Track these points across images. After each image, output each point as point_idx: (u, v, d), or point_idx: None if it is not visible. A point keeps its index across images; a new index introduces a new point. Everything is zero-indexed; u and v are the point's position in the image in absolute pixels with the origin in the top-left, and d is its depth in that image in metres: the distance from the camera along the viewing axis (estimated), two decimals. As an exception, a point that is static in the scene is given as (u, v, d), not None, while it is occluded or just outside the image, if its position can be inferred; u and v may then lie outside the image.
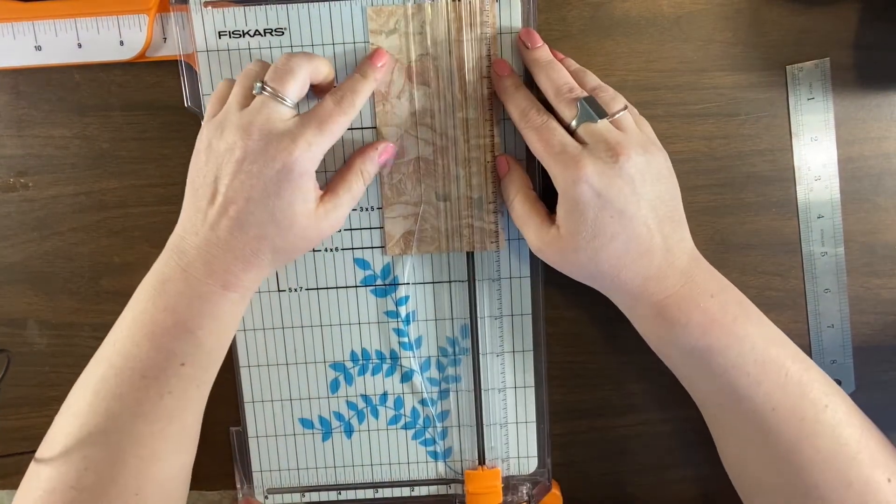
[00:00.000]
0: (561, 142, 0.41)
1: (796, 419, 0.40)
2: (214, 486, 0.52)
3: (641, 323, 0.44)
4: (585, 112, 0.41)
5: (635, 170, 0.40)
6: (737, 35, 0.46)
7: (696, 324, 0.41)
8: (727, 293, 0.42)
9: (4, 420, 0.51)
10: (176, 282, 0.41)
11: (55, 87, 0.47)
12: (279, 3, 0.45)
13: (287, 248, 0.42)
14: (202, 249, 0.41)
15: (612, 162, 0.40)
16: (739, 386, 0.41)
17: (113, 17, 0.45)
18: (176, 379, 0.41)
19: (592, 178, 0.39)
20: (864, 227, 0.48)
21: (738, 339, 0.41)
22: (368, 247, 0.48)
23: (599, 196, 0.40)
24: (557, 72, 0.43)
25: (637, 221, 0.40)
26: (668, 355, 0.44)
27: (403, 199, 0.47)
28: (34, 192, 0.49)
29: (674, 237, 0.41)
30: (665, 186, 0.41)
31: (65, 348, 0.50)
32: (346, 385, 0.50)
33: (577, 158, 0.40)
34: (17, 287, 0.50)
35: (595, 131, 0.41)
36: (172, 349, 0.41)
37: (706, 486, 0.52)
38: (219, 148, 0.40)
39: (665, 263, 0.41)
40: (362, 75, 0.44)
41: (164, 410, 0.41)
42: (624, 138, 0.41)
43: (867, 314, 0.49)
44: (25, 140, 0.48)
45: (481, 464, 0.50)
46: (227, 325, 0.43)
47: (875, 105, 0.47)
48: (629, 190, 0.40)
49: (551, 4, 0.46)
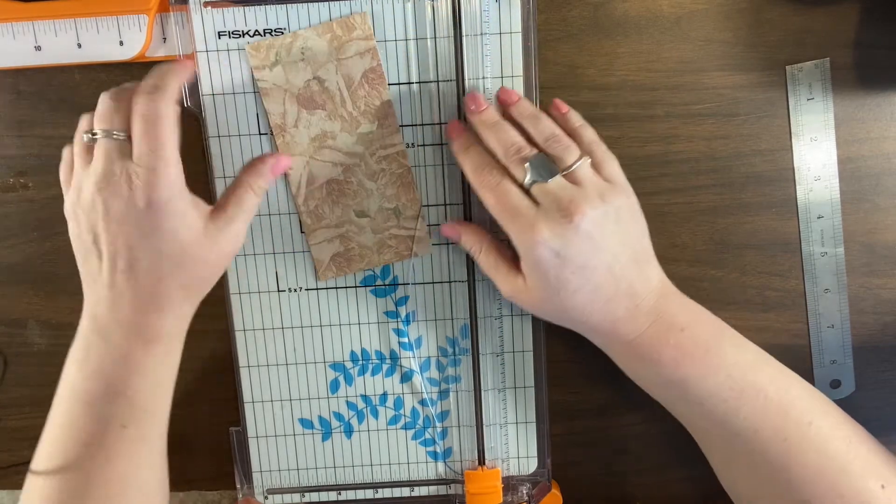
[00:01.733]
0: (515, 205, 0.41)
1: (780, 439, 0.41)
2: (214, 486, 0.52)
3: (617, 359, 0.44)
4: (535, 172, 0.41)
5: (592, 225, 0.40)
6: (737, 35, 0.46)
7: (668, 359, 0.42)
8: (699, 324, 0.43)
9: (4, 420, 0.51)
10: (97, 348, 0.41)
11: (55, 87, 0.47)
12: (279, 4, 0.45)
13: (193, 280, 0.42)
14: (112, 311, 0.40)
15: (566, 222, 0.40)
16: (718, 412, 0.41)
17: (113, 18, 0.45)
18: (120, 442, 0.40)
19: (549, 240, 0.40)
20: (863, 227, 0.48)
21: (712, 370, 0.41)
22: (368, 247, 0.48)
23: (558, 255, 0.40)
24: (505, 132, 0.43)
25: (599, 272, 0.41)
26: (648, 387, 0.44)
27: (324, 224, 0.47)
28: (34, 192, 0.49)
29: (640, 278, 0.42)
30: (628, 229, 0.42)
31: (65, 348, 0.50)
32: (345, 385, 0.50)
33: (532, 222, 0.40)
34: (17, 287, 0.50)
35: (547, 191, 0.41)
36: (109, 413, 0.40)
37: (706, 486, 0.52)
38: (84, 211, 0.40)
39: (632, 305, 0.42)
40: (161, 70, 0.42)
41: (115, 473, 0.40)
42: (577, 194, 0.40)
43: (867, 314, 0.49)
44: (25, 140, 0.48)
45: (481, 464, 0.50)
46: (159, 380, 0.42)
47: (875, 105, 0.47)
48: (588, 246, 0.40)
49: (551, 4, 0.46)
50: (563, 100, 0.46)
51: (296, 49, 0.45)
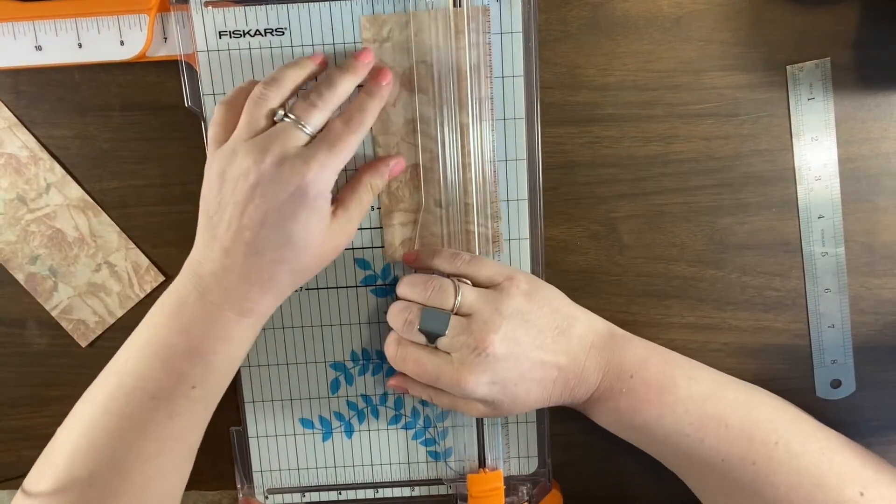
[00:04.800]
0: (433, 369, 0.42)
1: (748, 464, 0.41)
2: (214, 486, 0.52)
3: (583, 412, 0.46)
4: (430, 334, 0.43)
5: (504, 341, 0.42)
6: (737, 35, 0.46)
7: (625, 407, 0.43)
8: (649, 364, 0.44)
9: (4, 420, 0.51)
10: (192, 306, 0.41)
11: (55, 87, 0.47)
12: (279, 3, 0.45)
13: (304, 269, 0.42)
14: (218, 276, 0.41)
15: (483, 357, 0.41)
16: (684, 446, 0.43)
17: (113, 17, 0.45)
18: (185, 401, 0.41)
19: (478, 380, 0.42)
20: (864, 227, 0.48)
21: (668, 408, 0.43)
22: (369, 247, 0.48)
23: (494, 384, 0.42)
24: (394, 312, 0.44)
25: (535, 370, 0.43)
26: (616, 432, 0.46)
27: (402, 207, 0.47)
28: (34, 192, 0.49)
29: (574, 347, 0.44)
30: (536, 316, 0.43)
31: (65, 348, 0.50)
32: (346, 385, 0.50)
33: (457, 376, 0.42)
34: (17, 287, 0.49)
35: (451, 343, 0.42)
36: (184, 372, 0.41)
37: (706, 486, 0.52)
38: (232, 174, 0.40)
39: (578, 370, 0.43)
40: (368, 94, 0.43)
41: (172, 431, 0.41)
42: (476, 325, 0.42)
43: (867, 314, 0.49)
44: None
45: (482, 466, 0.50)
46: (240, 348, 0.43)
47: (875, 105, 0.47)
48: (511, 361, 0.42)
49: (551, 4, 0.46)
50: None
51: (411, 29, 0.45)
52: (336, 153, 0.41)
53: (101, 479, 0.40)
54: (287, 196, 0.40)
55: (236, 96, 0.43)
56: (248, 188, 0.40)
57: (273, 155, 0.40)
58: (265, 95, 0.41)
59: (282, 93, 0.42)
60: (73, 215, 0.48)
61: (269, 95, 0.41)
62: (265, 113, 0.41)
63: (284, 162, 0.40)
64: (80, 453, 0.40)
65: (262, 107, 0.41)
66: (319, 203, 0.41)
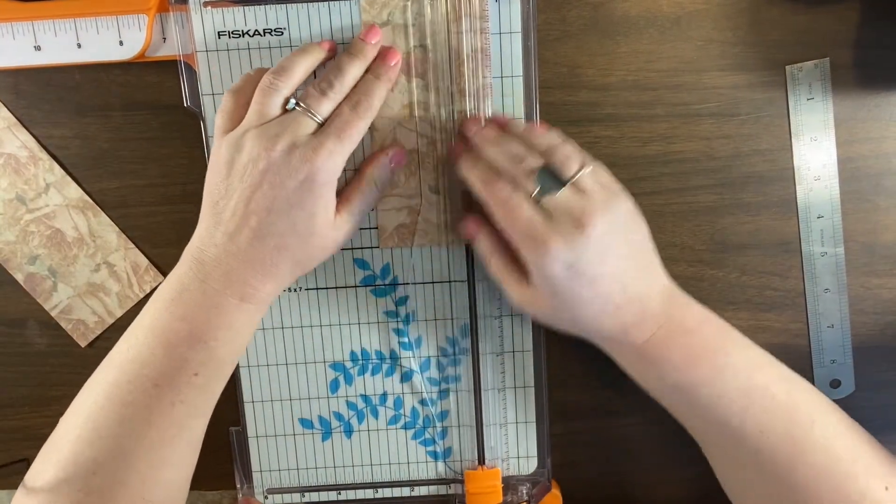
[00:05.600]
0: (527, 219, 0.40)
1: (787, 440, 0.41)
2: (214, 486, 0.52)
3: (625, 363, 0.44)
4: (545, 184, 0.40)
5: (602, 233, 0.40)
6: (737, 35, 0.46)
7: (678, 361, 0.42)
8: (706, 325, 0.43)
9: (4, 420, 0.51)
10: (193, 292, 0.41)
11: (55, 87, 0.47)
12: (279, 3, 0.45)
13: (306, 259, 0.42)
14: (221, 261, 0.41)
15: (578, 234, 0.39)
16: (727, 414, 0.41)
17: (112, 17, 0.45)
18: (188, 388, 0.41)
19: (562, 254, 0.39)
20: (863, 227, 0.48)
21: (720, 370, 0.42)
22: (368, 247, 0.48)
23: (570, 268, 0.40)
24: (509, 145, 0.42)
25: (609, 280, 0.40)
26: (656, 391, 0.44)
27: (397, 192, 0.47)
28: (34, 192, 0.49)
29: (647, 283, 0.42)
30: (632, 235, 0.42)
31: (64, 348, 0.50)
32: (345, 385, 0.50)
33: (545, 237, 0.39)
34: (18, 287, 0.50)
35: (557, 204, 0.40)
36: (186, 359, 0.41)
37: (706, 486, 0.51)
38: (241, 161, 0.40)
39: (641, 310, 0.42)
40: (375, 76, 0.43)
41: (175, 418, 0.41)
42: (587, 203, 0.40)
43: (867, 314, 0.49)
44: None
45: (481, 464, 0.50)
46: (242, 336, 0.43)
47: (875, 105, 0.47)
48: (598, 257, 0.40)
49: (551, 4, 0.46)
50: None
51: (410, 13, 0.45)
52: (344, 140, 0.41)
53: (106, 467, 0.40)
54: (296, 183, 0.40)
55: (244, 85, 0.43)
56: (257, 174, 0.40)
57: (283, 142, 0.40)
58: (275, 85, 0.42)
59: (291, 82, 0.42)
60: (73, 215, 0.48)
61: (278, 85, 0.42)
62: (275, 102, 0.42)
63: (294, 150, 0.40)
64: (83, 442, 0.40)
65: (272, 96, 0.42)
66: (326, 191, 0.41)
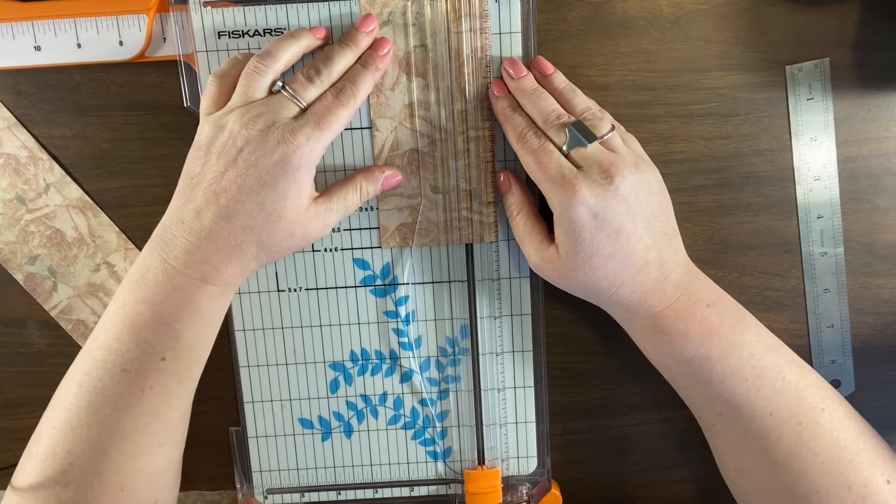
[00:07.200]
0: (558, 165, 0.41)
1: (794, 423, 0.41)
2: (214, 486, 0.52)
3: (640, 335, 0.44)
4: (575, 138, 0.42)
5: (629, 189, 0.40)
6: (737, 35, 0.46)
7: (694, 334, 0.42)
8: (723, 302, 0.43)
9: (4, 420, 0.51)
10: (155, 273, 0.41)
11: (55, 87, 0.47)
12: (279, 3, 0.45)
13: (272, 244, 0.42)
14: (184, 239, 0.41)
15: (606, 184, 0.40)
16: (738, 392, 0.41)
17: (112, 17, 0.45)
18: (156, 373, 0.41)
19: (589, 200, 0.40)
20: (863, 227, 0.48)
21: (735, 347, 0.42)
22: (368, 247, 0.48)
23: (596, 217, 0.40)
24: (544, 99, 0.43)
25: (633, 239, 0.41)
26: (667, 366, 0.44)
27: (398, 192, 0.47)
28: (34, 193, 0.49)
29: (668, 251, 0.42)
30: (658, 201, 0.42)
31: (65, 348, 0.50)
32: (345, 385, 0.50)
33: (574, 182, 0.40)
34: (17, 287, 0.50)
35: (587, 155, 0.41)
36: (152, 343, 0.41)
37: (705, 486, 0.52)
38: (221, 139, 0.41)
39: (661, 277, 0.42)
40: (363, 65, 0.43)
41: (147, 405, 0.41)
42: (617, 159, 0.41)
43: (867, 314, 0.49)
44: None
45: (481, 464, 0.50)
46: (207, 319, 0.43)
47: (875, 105, 0.47)
48: (624, 209, 0.40)
49: (551, 4, 0.46)
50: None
51: (410, 12, 0.45)
52: (323, 127, 0.41)
53: (80, 458, 0.41)
54: (270, 163, 0.40)
55: (230, 70, 0.43)
56: (234, 151, 0.40)
57: (263, 122, 0.40)
58: (259, 69, 0.42)
59: (277, 66, 0.42)
60: (73, 215, 0.48)
61: (262, 69, 0.42)
62: (260, 86, 0.42)
63: (272, 130, 0.40)
64: (58, 433, 0.41)
65: (257, 80, 0.42)
66: (300, 175, 0.41)
